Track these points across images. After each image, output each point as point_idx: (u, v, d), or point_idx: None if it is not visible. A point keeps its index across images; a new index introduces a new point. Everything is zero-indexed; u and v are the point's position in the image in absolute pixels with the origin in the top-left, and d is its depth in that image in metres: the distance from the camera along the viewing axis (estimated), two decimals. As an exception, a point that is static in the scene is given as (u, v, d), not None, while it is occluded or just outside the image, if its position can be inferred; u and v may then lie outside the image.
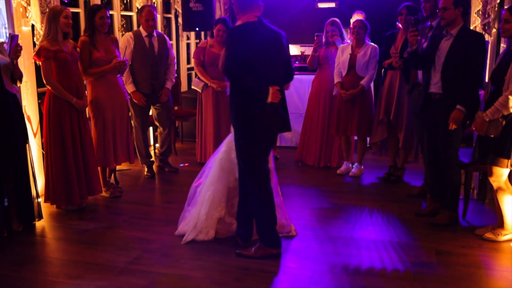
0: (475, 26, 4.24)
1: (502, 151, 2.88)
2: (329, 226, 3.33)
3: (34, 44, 3.72)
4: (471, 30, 3.34)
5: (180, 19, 5.93)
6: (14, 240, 3.11)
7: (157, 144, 4.99)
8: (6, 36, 3.44)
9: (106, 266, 2.77)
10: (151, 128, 5.19)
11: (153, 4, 5.39)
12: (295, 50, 5.97)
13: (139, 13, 4.31)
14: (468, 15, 3.31)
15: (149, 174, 4.47)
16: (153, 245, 3.03)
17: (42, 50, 3.33)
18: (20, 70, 3.23)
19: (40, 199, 3.47)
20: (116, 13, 5.08)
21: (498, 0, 3.85)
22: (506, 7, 3.28)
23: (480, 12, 4.08)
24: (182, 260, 2.83)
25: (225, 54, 2.68)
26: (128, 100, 3.99)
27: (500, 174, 2.95)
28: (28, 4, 3.59)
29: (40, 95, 3.82)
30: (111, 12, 4.81)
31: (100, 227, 3.34)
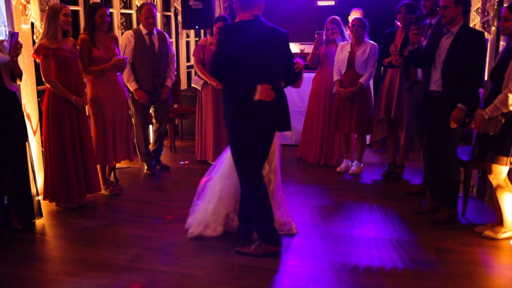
0: (475, 24, 4.25)
1: (501, 149, 2.88)
2: (329, 224, 3.33)
3: (34, 42, 3.72)
4: (472, 28, 3.34)
5: (179, 17, 5.92)
6: (14, 238, 3.11)
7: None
8: (5, 34, 3.44)
9: (106, 264, 2.77)
10: (151, 126, 5.19)
11: (152, 2, 5.38)
12: (295, 48, 5.96)
13: (138, 11, 4.31)
14: (468, 13, 3.31)
15: (149, 172, 4.48)
16: (153, 243, 3.04)
17: (41, 48, 3.33)
18: (20, 68, 3.23)
19: (40, 197, 3.48)
20: (116, 11, 5.07)
21: (498, -2, 3.85)
22: (506, 5, 3.28)
23: (479, 10, 4.08)
24: (182, 258, 2.84)
25: (213, 51, 2.69)
26: (128, 98, 3.99)
27: (500, 172, 2.95)
28: (28, 2, 3.59)
29: (40, 93, 3.82)
30: (111, 10, 4.80)
31: (100, 225, 3.34)
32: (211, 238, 3.02)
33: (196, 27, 5.49)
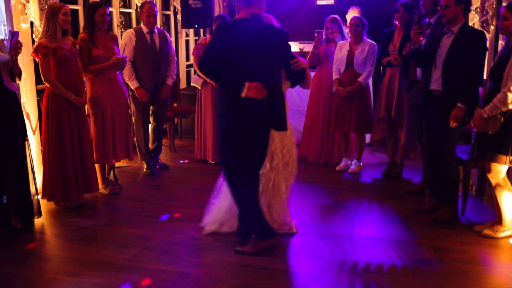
0: (474, 23, 4.24)
1: (500, 147, 2.88)
2: (328, 223, 3.33)
3: (33, 41, 3.71)
4: (473, 27, 3.34)
5: (179, 16, 5.92)
6: (13, 237, 3.11)
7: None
8: (5, 33, 3.44)
9: (105, 263, 2.77)
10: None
11: (152, 1, 5.38)
12: (294, 47, 5.96)
13: (139, 9, 4.32)
14: (469, 12, 3.30)
15: (148, 171, 4.48)
16: (152, 242, 3.04)
17: (40, 47, 3.32)
18: (20, 67, 3.23)
19: (39, 196, 3.48)
20: (115, 10, 5.07)
21: (497, -3, 3.85)
22: (505, 4, 3.28)
23: (478, 9, 4.09)
24: (181, 257, 2.84)
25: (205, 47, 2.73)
26: (127, 97, 3.98)
27: (499, 171, 2.96)
28: (27, 1, 3.58)
29: (39, 92, 3.82)
30: (110, 9, 4.79)
31: (99, 224, 3.34)
32: (203, 240, 3.03)
33: (196, 26, 5.49)
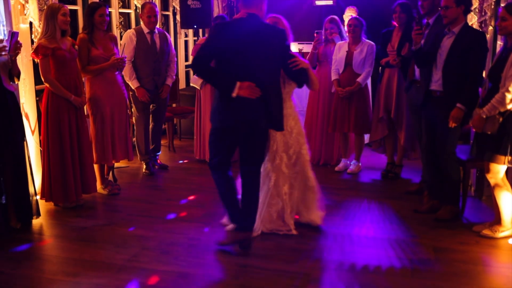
0: (472, 23, 4.25)
1: (499, 147, 2.89)
2: (327, 223, 3.33)
3: (32, 41, 3.71)
4: (473, 28, 3.34)
5: (178, 17, 5.92)
6: (12, 238, 3.10)
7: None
8: (4, 34, 3.43)
9: (105, 263, 2.77)
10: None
11: (152, 1, 5.38)
12: (293, 47, 5.96)
13: (140, 10, 4.33)
14: (469, 13, 3.31)
15: (147, 172, 4.47)
16: (151, 242, 3.03)
17: (40, 48, 3.32)
18: (18, 68, 3.23)
19: (38, 197, 3.47)
20: (114, 10, 5.07)
21: (495, -2, 3.86)
22: (503, 5, 3.29)
23: (476, 10, 4.09)
24: (180, 257, 2.84)
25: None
26: (126, 97, 3.98)
27: (497, 171, 2.96)
28: (26, 2, 3.58)
29: (38, 93, 3.81)
30: (109, 10, 4.79)
31: (98, 224, 3.34)
32: (202, 240, 3.03)
33: (195, 26, 5.49)
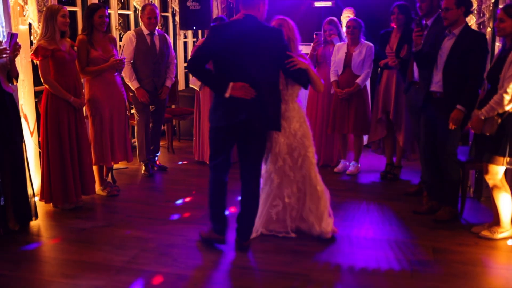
0: (471, 25, 4.24)
1: (497, 149, 2.89)
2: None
3: (31, 43, 3.71)
4: (474, 30, 3.35)
5: (177, 18, 5.93)
6: (10, 239, 3.10)
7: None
8: (3, 35, 3.43)
9: (103, 265, 2.76)
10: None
11: (152, 3, 5.39)
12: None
13: (141, 11, 4.34)
14: (470, 14, 3.31)
15: (146, 173, 4.47)
16: (150, 244, 3.03)
17: (39, 49, 3.32)
18: (17, 69, 3.22)
19: (37, 198, 3.47)
20: (114, 11, 5.08)
21: (493, 0, 3.86)
22: (501, 6, 3.30)
23: (475, 11, 4.10)
24: (179, 259, 2.83)
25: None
26: (125, 99, 3.98)
27: (496, 172, 2.96)
28: (26, 3, 3.58)
29: (37, 94, 3.81)
30: (109, 11, 4.80)
31: (97, 226, 3.33)
32: (200, 241, 3.04)
33: (194, 27, 5.49)
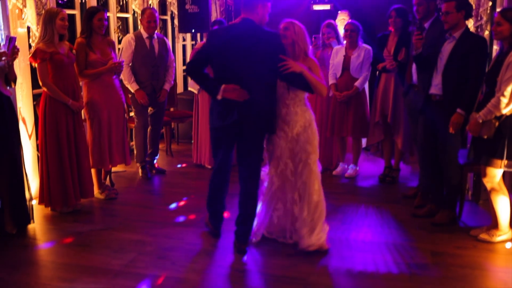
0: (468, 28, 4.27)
1: (495, 151, 2.90)
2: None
3: (30, 46, 3.71)
4: (474, 33, 3.36)
5: (176, 21, 5.93)
6: (7, 243, 3.09)
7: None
8: (2, 38, 3.43)
9: (101, 269, 2.76)
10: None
11: (152, 7, 5.40)
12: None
13: (140, 15, 4.35)
14: (470, 17, 3.33)
15: (144, 176, 4.46)
16: (148, 247, 3.03)
17: (38, 52, 3.32)
18: (15, 73, 3.22)
19: (35, 201, 3.45)
20: (112, 14, 5.08)
21: (490, 3, 3.88)
22: (498, 9, 3.31)
23: (472, 15, 4.11)
24: (178, 262, 2.83)
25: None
26: (124, 102, 3.98)
27: (494, 175, 2.97)
28: (24, 6, 3.59)
29: (36, 97, 3.81)
30: (107, 14, 4.81)
31: (95, 229, 3.32)
32: (198, 244, 3.05)
33: (193, 30, 5.50)
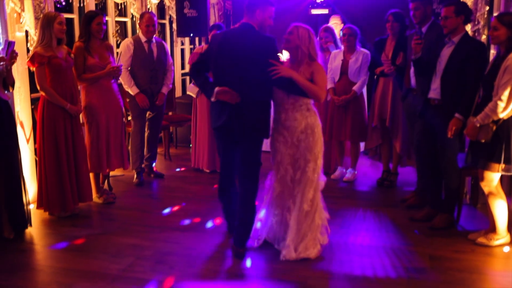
0: (465, 32, 4.29)
1: (493, 155, 2.91)
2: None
3: (28, 50, 3.71)
4: (473, 38, 3.38)
5: (174, 25, 5.95)
6: (5, 248, 3.08)
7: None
8: (0, 43, 3.43)
9: (99, 273, 2.75)
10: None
11: (151, 11, 5.41)
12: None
13: (139, 19, 4.36)
14: (470, 22, 3.35)
15: (137, 181, 4.39)
16: (146, 252, 3.02)
17: (36, 56, 3.32)
18: (13, 77, 3.22)
19: (33, 205, 3.44)
20: (111, 19, 5.09)
21: (487, 8, 3.90)
22: (495, 14, 3.33)
23: (471, 19, 4.13)
24: (176, 267, 2.82)
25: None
26: (122, 106, 3.98)
27: (491, 179, 2.97)
28: (22, 10, 3.59)
29: (34, 101, 3.81)
30: (106, 18, 4.81)
31: (93, 233, 3.31)
32: (197, 249, 3.04)
33: (191, 34, 5.52)
